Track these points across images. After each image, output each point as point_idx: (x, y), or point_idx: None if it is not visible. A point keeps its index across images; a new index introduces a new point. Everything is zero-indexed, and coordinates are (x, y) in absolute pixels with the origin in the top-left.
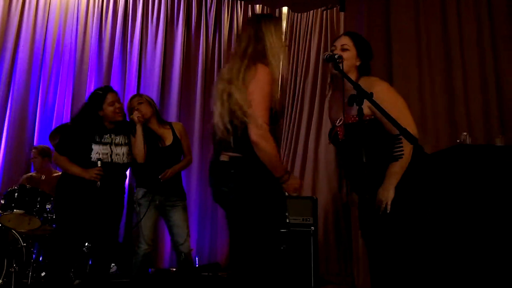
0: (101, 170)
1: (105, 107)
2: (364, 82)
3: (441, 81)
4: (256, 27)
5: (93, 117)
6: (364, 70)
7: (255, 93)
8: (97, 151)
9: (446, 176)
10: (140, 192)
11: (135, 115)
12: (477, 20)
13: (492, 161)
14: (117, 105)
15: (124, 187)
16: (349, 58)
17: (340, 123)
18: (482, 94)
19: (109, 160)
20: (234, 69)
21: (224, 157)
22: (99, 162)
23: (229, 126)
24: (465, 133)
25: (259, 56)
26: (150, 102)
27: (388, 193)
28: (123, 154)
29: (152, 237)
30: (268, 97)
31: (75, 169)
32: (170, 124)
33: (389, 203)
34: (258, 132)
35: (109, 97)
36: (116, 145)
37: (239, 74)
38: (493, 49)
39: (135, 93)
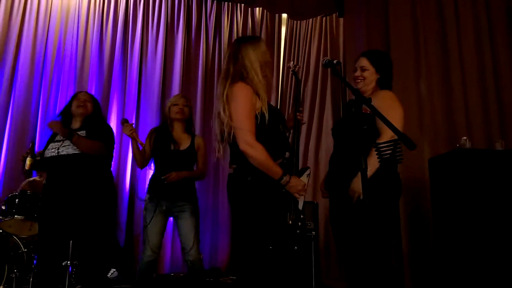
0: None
1: (73, 107)
2: (376, 93)
3: (440, 85)
4: (235, 49)
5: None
6: (385, 80)
7: (237, 108)
8: (49, 147)
9: (446, 180)
10: (147, 197)
11: (127, 131)
12: (475, 24)
13: (492, 166)
14: (79, 103)
15: (94, 178)
16: (369, 76)
17: None
18: (482, 98)
19: (56, 153)
20: (220, 89)
21: (230, 170)
22: (31, 143)
23: (228, 140)
24: (464, 138)
25: (238, 75)
26: (191, 108)
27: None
28: (69, 145)
29: (158, 244)
30: (248, 110)
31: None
32: (193, 135)
33: (360, 193)
34: (243, 141)
35: (75, 95)
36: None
37: (223, 93)
38: (492, 54)
39: (136, 99)
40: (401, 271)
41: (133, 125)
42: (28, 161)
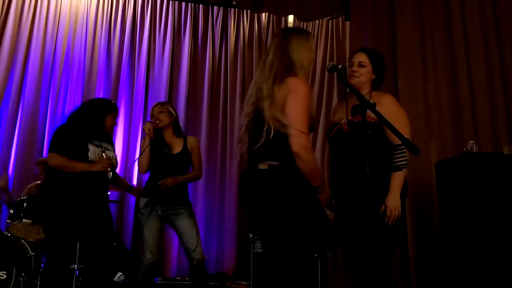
0: (110, 158)
1: (108, 119)
2: (375, 96)
3: (447, 88)
4: (282, 41)
5: (96, 120)
6: (377, 83)
7: (296, 106)
8: (93, 151)
9: (453, 184)
10: (142, 202)
11: (146, 127)
12: (482, 27)
13: (499, 170)
14: (115, 122)
15: (107, 194)
16: (365, 73)
17: (345, 121)
18: (489, 102)
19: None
20: (264, 85)
21: (263, 166)
22: (103, 154)
23: (265, 137)
24: (471, 142)
25: (285, 70)
26: (171, 112)
27: (397, 203)
28: (116, 158)
29: (157, 246)
30: (307, 109)
31: (82, 165)
32: (185, 136)
33: (399, 211)
34: (300, 143)
35: (116, 113)
36: (107, 149)
37: (271, 89)
38: (500, 57)
39: (143, 104)
40: (408, 275)
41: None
42: (110, 174)
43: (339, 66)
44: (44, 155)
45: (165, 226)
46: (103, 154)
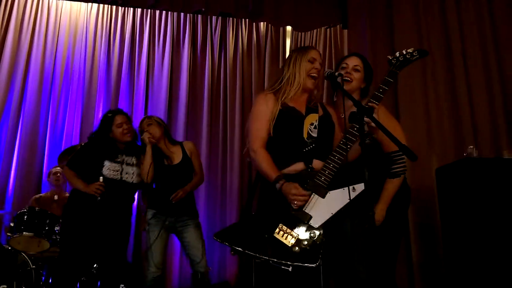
0: (102, 185)
1: (114, 129)
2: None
3: (446, 93)
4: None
5: (104, 139)
6: (364, 93)
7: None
8: (108, 167)
9: (454, 190)
10: (149, 213)
11: (146, 136)
12: (480, 33)
13: (499, 174)
14: (125, 126)
15: (131, 209)
16: (358, 79)
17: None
18: (489, 107)
19: (119, 177)
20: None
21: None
22: (101, 178)
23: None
24: (471, 147)
25: (275, 84)
26: (159, 122)
27: (382, 216)
28: (133, 173)
29: (162, 261)
30: (255, 118)
31: (79, 184)
32: (180, 143)
33: (381, 220)
34: (249, 150)
35: (117, 119)
36: (128, 164)
37: None
38: (498, 62)
39: (143, 114)
40: (412, 280)
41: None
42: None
43: (336, 74)
44: (44, 168)
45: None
46: (100, 178)
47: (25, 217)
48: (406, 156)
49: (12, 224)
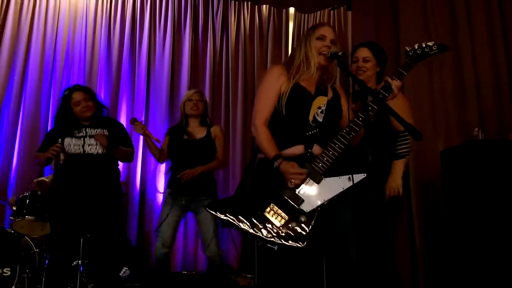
0: (58, 146)
1: (72, 107)
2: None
3: (452, 76)
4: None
5: (66, 117)
6: (380, 76)
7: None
8: (69, 142)
9: (458, 173)
10: (167, 192)
11: (140, 129)
12: (487, 15)
13: (505, 157)
14: (83, 103)
15: (113, 180)
16: (370, 68)
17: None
18: (494, 89)
19: (81, 151)
20: None
21: None
22: (59, 139)
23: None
24: (477, 129)
25: (287, 61)
26: (205, 103)
27: (397, 183)
28: (96, 144)
29: (170, 240)
30: (264, 92)
31: (40, 155)
32: (209, 126)
33: (401, 190)
34: (252, 126)
35: (74, 97)
36: (91, 137)
37: None
38: (505, 42)
39: (145, 99)
40: (415, 269)
41: (143, 123)
42: (62, 156)
43: (339, 53)
44: None
45: None
46: (59, 139)
47: (27, 200)
48: (411, 135)
49: (14, 208)
